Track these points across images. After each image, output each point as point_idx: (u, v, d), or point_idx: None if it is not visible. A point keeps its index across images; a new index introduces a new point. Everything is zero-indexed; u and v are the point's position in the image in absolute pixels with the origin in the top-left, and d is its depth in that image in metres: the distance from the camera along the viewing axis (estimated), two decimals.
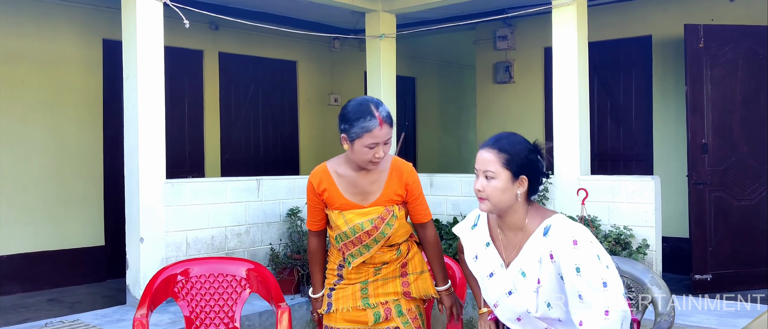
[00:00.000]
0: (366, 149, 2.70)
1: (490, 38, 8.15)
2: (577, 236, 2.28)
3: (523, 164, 2.36)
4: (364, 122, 2.67)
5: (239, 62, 8.18)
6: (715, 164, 6.02)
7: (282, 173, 8.43)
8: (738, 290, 5.68)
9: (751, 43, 6.07)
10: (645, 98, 7.22)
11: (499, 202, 2.37)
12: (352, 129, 2.69)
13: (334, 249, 2.96)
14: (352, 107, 2.72)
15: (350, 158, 2.80)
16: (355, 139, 2.69)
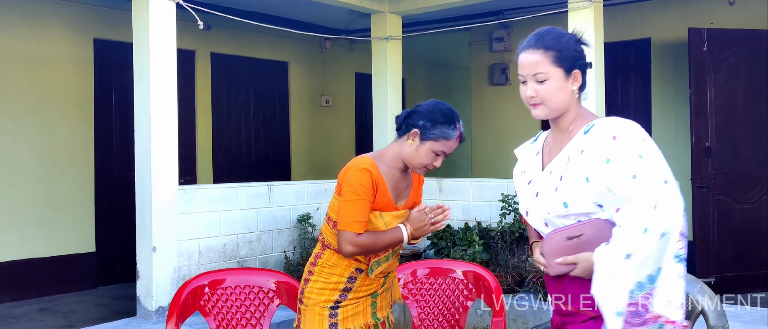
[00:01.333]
0: (433, 154, 2.60)
1: (485, 40, 8.11)
2: (619, 132, 1.95)
3: (573, 58, 2.07)
4: (447, 129, 2.57)
5: (231, 63, 8.00)
6: (719, 168, 6.07)
7: (273, 176, 8.33)
8: (739, 292, 5.74)
9: (752, 47, 6.14)
10: (643, 100, 7.26)
11: (556, 104, 2.08)
12: (432, 130, 2.57)
13: (341, 257, 2.62)
14: (441, 110, 2.60)
15: (403, 156, 2.63)
16: (428, 140, 2.57)
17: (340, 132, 9.31)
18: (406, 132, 2.62)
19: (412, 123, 2.61)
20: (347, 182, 2.54)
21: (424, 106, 2.64)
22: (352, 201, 2.51)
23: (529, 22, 7.13)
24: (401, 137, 2.66)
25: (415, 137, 2.58)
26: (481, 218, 5.85)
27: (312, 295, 2.64)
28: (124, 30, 6.80)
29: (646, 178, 1.89)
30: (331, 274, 2.63)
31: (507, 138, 8.01)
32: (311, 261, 2.71)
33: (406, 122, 2.63)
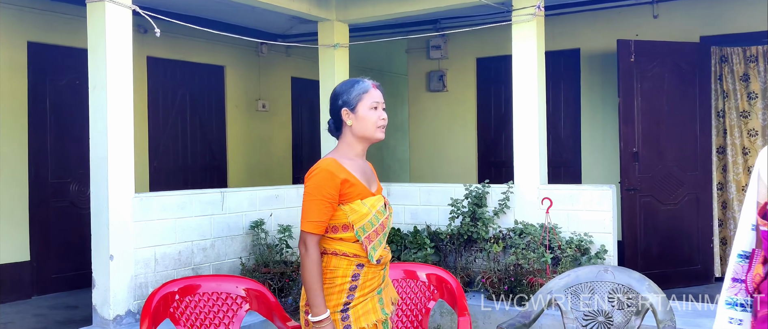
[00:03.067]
0: (371, 111, 2.70)
1: (423, 47, 8.37)
2: None
3: None
4: (359, 87, 2.72)
5: (167, 67, 7.95)
6: (645, 171, 6.52)
7: (210, 181, 8.33)
8: (665, 288, 6.18)
9: (676, 58, 6.63)
10: (573, 107, 7.69)
11: None
12: (350, 96, 2.70)
13: (342, 258, 2.66)
14: (342, 83, 2.79)
15: (356, 135, 2.72)
16: (356, 104, 2.69)
17: (277, 137, 9.37)
18: (340, 122, 2.73)
19: (335, 111, 2.73)
20: (307, 183, 2.65)
21: (333, 91, 2.80)
22: (307, 201, 2.62)
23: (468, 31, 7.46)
24: (342, 130, 2.74)
25: (347, 114, 2.69)
26: (429, 222, 6.09)
27: (333, 293, 2.64)
28: (59, 33, 6.69)
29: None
30: (334, 277, 2.65)
31: (444, 143, 8.30)
32: None
33: (333, 118, 2.76)
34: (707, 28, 6.87)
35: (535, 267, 5.12)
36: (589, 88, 7.57)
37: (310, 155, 9.89)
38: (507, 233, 5.62)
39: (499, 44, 7.25)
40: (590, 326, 3.70)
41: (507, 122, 7.71)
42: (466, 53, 8.13)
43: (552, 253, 5.22)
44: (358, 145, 2.73)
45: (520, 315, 3.75)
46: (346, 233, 2.66)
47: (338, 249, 2.65)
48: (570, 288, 3.79)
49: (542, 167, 5.75)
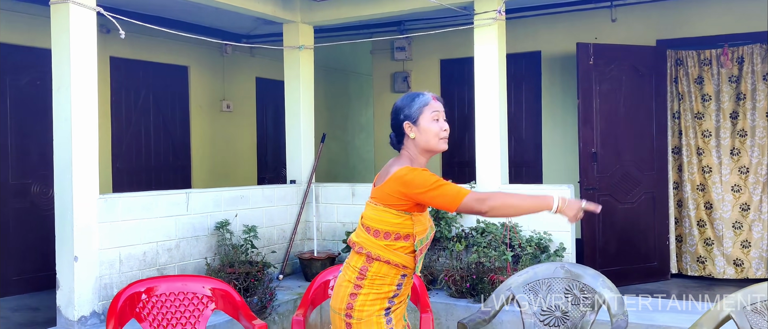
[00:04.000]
0: (433, 122, 2.78)
1: (387, 49, 8.51)
2: None
3: None
4: (420, 100, 2.80)
5: (130, 67, 7.95)
6: (603, 171, 6.74)
7: (173, 181, 8.35)
8: (622, 284, 6.42)
9: (633, 61, 6.86)
10: (534, 108, 7.90)
11: None
12: (412, 109, 2.78)
13: (391, 267, 2.75)
14: (402, 97, 2.86)
15: (420, 147, 2.80)
16: (418, 117, 2.77)
17: (241, 137, 9.42)
18: (402, 135, 2.82)
19: (398, 125, 2.82)
20: (415, 177, 2.67)
21: (394, 106, 2.87)
22: (438, 186, 2.65)
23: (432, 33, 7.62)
24: (404, 142, 2.83)
25: (410, 128, 2.78)
26: None
27: (365, 307, 2.73)
28: (20, 33, 6.66)
29: None
30: (383, 284, 2.74)
31: None
32: (356, 275, 2.76)
33: (395, 130, 2.85)
34: (663, 32, 7.12)
35: (497, 265, 5.28)
36: (549, 89, 7.78)
37: (275, 155, 9.96)
38: (469, 232, 5.78)
39: (463, 46, 7.42)
40: (547, 321, 3.87)
41: (470, 122, 7.88)
42: (430, 55, 8.28)
43: (513, 251, 5.39)
44: (421, 157, 2.81)
45: (481, 311, 3.90)
46: (405, 242, 2.74)
47: (391, 259, 2.73)
48: (528, 284, 3.95)
49: (504, 167, 5.92)
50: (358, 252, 2.79)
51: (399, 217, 2.72)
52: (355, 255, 2.81)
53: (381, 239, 2.74)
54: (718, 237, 6.92)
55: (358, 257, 2.80)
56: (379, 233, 2.75)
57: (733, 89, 6.96)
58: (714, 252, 6.94)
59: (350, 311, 2.74)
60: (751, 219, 6.82)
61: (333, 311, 2.83)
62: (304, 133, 6.76)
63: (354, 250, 2.82)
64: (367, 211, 2.83)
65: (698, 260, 7.02)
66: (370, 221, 2.77)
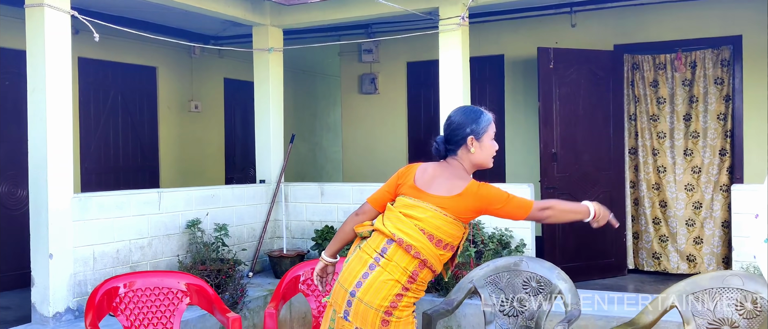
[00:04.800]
0: (493, 142, 2.99)
1: (355, 51, 8.74)
2: None
3: None
4: (485, 118, 2.97)
5: (99, 68, 8.07)
6: (563, 171, 7.06)
7: (141, 181, 8.48)
8: (581, 279, 6.74)
9: (591, 65, 7.20)
10: (498, 110, 8.17)
11: None
12: (480, 125, 2.94)
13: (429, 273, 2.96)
14: (465, 111, 3.01)
15: (474, 162, 2.98)
16: (483, 134, 2.95)
17: (209, 138, 9.57)
18: (458, 147, 2.96)
19: (460, 136, 2.94)
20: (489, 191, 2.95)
21: (455, 118, 2.99)
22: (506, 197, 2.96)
23: (398, 37, 7.88)
24: (456, 153, 2.97)
25: (473, 142, 2.93)
26: None
27: (407, 309, 2.86)
28: None
29: None
30: (420, 290, 2.91)
31: (375, 144, 8.69)
32: (407, 278, 2.84)
33: (451, 141, 2.97)
34: (620, 37, 7.47)
35: (460, 260, 5.55)
36: (512, 92, 8.09)
37: (243, 155, 10.13)
38: None
39: (429, 49, 7.67)
40: (506, 312, 4.14)
41: (436, 123, 8.14)
42: (397, 57, 8.54)
43: (476, 247, 5.67)
44: (471, 170, 3.01)
45: (444, 302, 4.16)
46: (449, 252, 2.95)
47: (438, 268, 2.93)
48: (489, 277, 4.22)
49: None
50: (413, 256, 2.83)
51: (462, 229, 2.97)
52: (405, 255, 2.83)
53: (440, 249, 2.89)
54: (673, 234, 7.29)
55: (410, 259, 2.83)
56: (440, 243, 2.88)
57: (686, 93, 7.34)
58: (668, 249, 7.30)
59: (393, 310, 2.80)
60: (703, 217, 7.20)
61: (365, 304, 2.80)
62: (274, 134, 6.97)
63: (402, 249, 2.83)
64: (430, 219, 2.86)
65: (653, 256, 7.38)
66: (435, 230, 2.86)
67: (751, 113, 6.99)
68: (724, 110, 7.19)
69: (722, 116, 7.19)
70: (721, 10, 7.05)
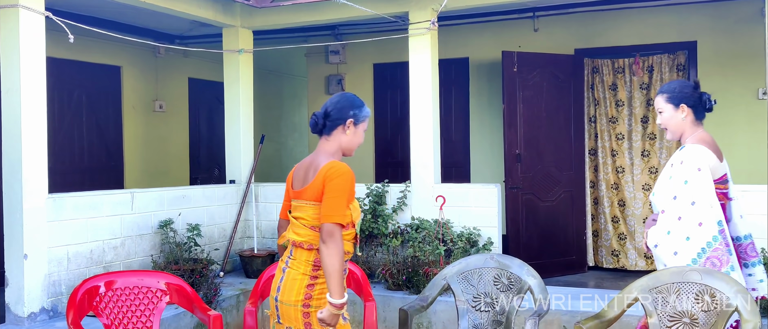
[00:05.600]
0: (364, 132, 3.18)
1: (322, 52, 8.88)
2: (684, 158, 3.37)
3: (680, 97, 3.49)
4: (366, 109, 3.18)
5: (63, 67, 8.04)
6: (526, 171, 7.31)
7: (106, 181, 8.48)
8: (543, 276, 6.98)
9: (553, 68, 7.46)
10: (463, 112, 8.43)
11: (671, 128, 3.55)
12: (361, 113, 3.13)
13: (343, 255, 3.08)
14: (355, 97, 3.19)
15: (344, 146, 3.12)
16: (360, 122, 3.13)
17: (174, 137, 9.60)
18: (335, 126, 3.09)
19: (340, 117, 3.09)
20: (334, 181, 2.94)
21: (339, 99, 3.13)
22: (339, 197, 2.94)
23: (363, 37, 8.04)
24: (330, 133, 3.09)
25: (350, 125, 3.10)
26: None
27: (324, 295, 3.01)
28: None
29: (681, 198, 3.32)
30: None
31: None
32: (311, 268, 3.03)
33: (332, 117, 3.09)
34: (581, 41, 7.76)
35: (431, 259, 5.75)
36: (477, 94, 8.32)
37: (208, 155, 10.18)
38: (405, 228, 6.23)
39: (395, 52, 7.86)
40: (478, 307, 4.34)
41: (402, 124, 8.34)
42: (363, 59, 8.70)
43: (445, 246, 5.87)
44: (340, 153, 3.14)
45: (419, 298, 4.34)
46: (349, 230, 3.06)
47: (352, 237, 3.07)
48: (462, 273, 4.42)
49: (436, 168, 6.39)
50: (308, 250, 3.02)
51: None
52: (304, 252, 3.03)
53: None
54: (631, 232, 7.61)
55: (309, 253, 3.02)
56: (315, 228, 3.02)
57: (643, 96, 7.67)
58: (627, 246, 7.62)
59: (309, 300, 3.01)
60: None
61: (285, 305, 3.03)
62: (244, 134, 7.06)
63: (302, 248, 3.03)
64: (310, 213, 3.02)
65: (613, 253, 7.69)
66: (313, 220, 3.01)
67: (706, 116, 7.33)
68: None
69: None
70: (676, 17, 7.39)
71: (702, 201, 3.32)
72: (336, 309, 2.96)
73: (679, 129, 3.56)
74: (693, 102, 3.54)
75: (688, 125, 3.55)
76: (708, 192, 3.33)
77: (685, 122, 3.54)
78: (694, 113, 3.54)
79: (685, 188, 3.33)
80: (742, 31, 7.08)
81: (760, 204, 5.21)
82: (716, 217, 3.32)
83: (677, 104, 3.53)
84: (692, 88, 3.57)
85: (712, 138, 3.60)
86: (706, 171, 3.36)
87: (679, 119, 3.54)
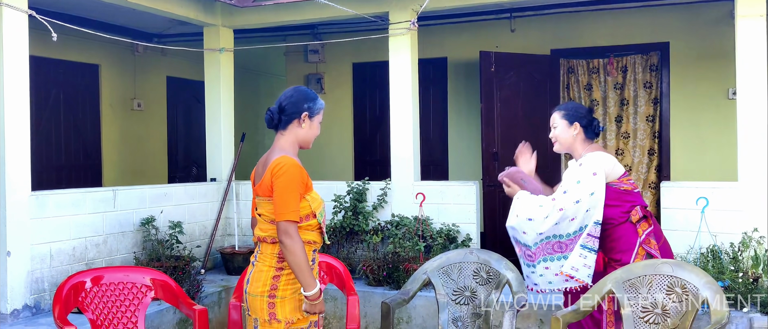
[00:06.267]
0: (319, 125, 3.25)
1: (301, 51, 8.98)
2: (583, 162, 3.85)
3: (575, 116, 3.97)
4: (320, 101, 3.23)
5: (41, 65, 8.04)
6: (503, 170, 7.43)
7: (84, 180, 8.51)
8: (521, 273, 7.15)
9: (530, 68, 7.64)
10: (442, 111, 8.58)
11: (561, 141, 4.07)
12: (316, 106, 3.19)
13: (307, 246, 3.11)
14: (309, 91, 3.24)
15: (300, 139, 3.17)
16: (315, 114, 3.19)
17: (152, 136, 9.64)
18: (291, 121, 3.14)
19: (295, 111, 3.13)
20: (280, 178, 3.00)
21: (293, 93, 3.17)
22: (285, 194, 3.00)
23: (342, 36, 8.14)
24: (286, 127, 3.14)
25: (306, 118, 3.15)
26: None
27: (288, 286, 3.11)
28: None
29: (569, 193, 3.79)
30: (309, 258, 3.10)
31: (322, 143, 8.91)
32: (276, 259, 3.11)
33: (287, 112, 3.13)
34: (557, 42, 7.95)
35: (410, 255, 5.88)
36: (455, 93, 8.47)
37: (186, 153, 10.22)
38: (385, 225, 6.35)
39: (374, 51, 7.98)
40: (458, 300, 4.48)
41: (382, 123, 8.47)
42: (342, 58, 8.81)
43: (425, 242, 6.01)
44: (296, 146, 3.21)
45: (401, 292, 4.48)
46: (310, 221, 3.14)
47: (304, 239, 3.11)
48: (442, 268, 4.56)
49: (416, 166, 6.53)
50: (272, 243, 3.11)
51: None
52: (269, 245, 3.13)
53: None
54: None
55: (273, 246, 3.12)
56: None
57: (617, 96, 7.87)
58: None
59: (274, 291, 3.10)
60: None
61: (252, 296, 3.13)
62: (225, 132, 7.14)
63: (267, 243, 3.12)
64: (263, 209, 3.13)
65: None
66: (272, 214, 3.07)
67: (678, 115, 7.57)
68: (653, 113, 7.75)
69: (651, 118, 7.75)
70: (650, 19, 7.61)
71: (584, 202, 3.77)
72: (313, 300, 3.08)
73: (567, 143, 4.07)
74: (585, 123, 4.00)
75: (579, 141, 4.04)
76: (593, 196, 3.77)
77: (576, 138, 4.03)
78: (585, 132, 4.01)
79: (577, 187, 3.77)
80: (713, 32, 7.31)
81: (732, 200, 5.41)
82: (593, 218, 3.80)
83: (571, 122, 4.01)
84: (586, 111, 4.09)
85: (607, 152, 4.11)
86: (600, 176, 3.79)
87: (571, 135, 4.03)
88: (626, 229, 3.96)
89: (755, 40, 5.33)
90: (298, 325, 3.18)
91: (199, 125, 8.71)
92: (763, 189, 5.31)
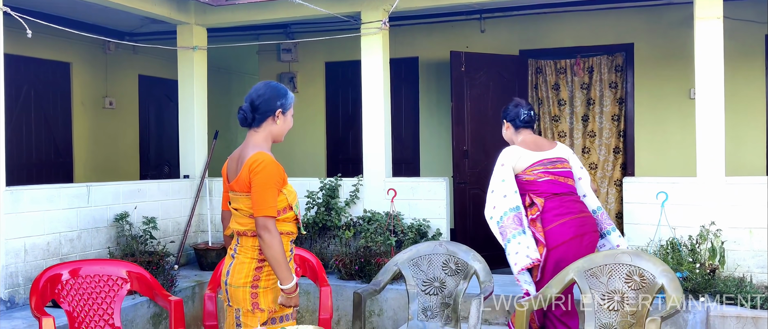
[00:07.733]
0: (292, 118, 3.38)
1: (274, 50, 9.11)
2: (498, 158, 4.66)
3: (504, 115, 4.83)
4: (291, 95, 3.36)
5: (10, 63, 8.02)
6: (473, 167, 7.68)
7: (55, 177, 8.56)
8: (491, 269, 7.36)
9: (499, 68, 7.86)
10: (413, 110, 8.77)
11: (505, 138, 4.87)
12: (288, 101, 3.31)
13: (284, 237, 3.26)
14: (279, 86, 3.34)
15: (275, 134, 3.30)
16: (288, 109, 3.32)
17: (123, 134, 9.70)
18: (265, 119, 3.26)
19: (269, 109, 3.25)
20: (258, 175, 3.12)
21: (265, 91, 3.27)
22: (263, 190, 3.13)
23: (315, 35, 8.30)
24: (260, 124, 3.26)
25: (280, 115, 3.28)
26: None
27: (271, 276, 3.26)
28: None
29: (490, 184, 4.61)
30: (286, 250, 3.27)
31: (295, 141, 9.07)
32: (257, 252, 3.25)
33: (261, 110, 3.25)
34: (525, 43, 8.18)
35: (382, 250, 6.06)
36: (426, 92, 8.68)
37: (157, 152, 10.29)
38: (357, 220, 6.53)
39: (347, 50, 8.14)
40: (428, 290, 4.67)
41: (354, 121, 8.64)
42: (315, 57, 8.97)
43: (396, 237, 6.20)
44: (270, 141, 3.34)
45: (372, 283, 4.66)
46: (287, 213, 3.29)
47: (282, 230, 3.26)
48: (412, 260, 4.74)
49: (388, 163, 6.71)
50: (252, 237, 3.23)
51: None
52: (249, 239, 3.25)
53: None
54: None
55: (253, 239, 3.24)
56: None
57: (584, 95, 8.13)
58: None
59: (257, 282, 3.25)
60: None
61: (234, 287, 3.26)
62: (198, 130, 7.26)
63: (248, 236, 3.25)
64: (240, 204, 3.24)
65: None
66: (251, 209, 3.20)
67: (642, 115, 7.85)
68: (618, 112, 8.02)
69: (616, 117, 8.02)
70: (615, 20, 7.88)
71: (497, 190, 4.54)
72: (289, 294, 3.23)
73: (509, 139, 4.82)
74: (511, 117, 4.76)
75: (511, 134, 4.80)
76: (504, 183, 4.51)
77: (508, 132, 4.82)
78: (513, 125, 4.76)
79: (492, 177, 4.62)
80: (676, 34, 7.60)
81: (690, 195, 5.67)
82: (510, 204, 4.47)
83: (504, 121, 4.82)
84: (512, 106, 4.79)
85: (533, 137, 4.76)
86: (507, 167, 4.54)
87: (507, 132, 4.83)
88: None
89: (713, 41, 5.60)
90: (281, 313, 3.36)
91: (171, 123, 8.80)
92: (720, 184, 5.58)
